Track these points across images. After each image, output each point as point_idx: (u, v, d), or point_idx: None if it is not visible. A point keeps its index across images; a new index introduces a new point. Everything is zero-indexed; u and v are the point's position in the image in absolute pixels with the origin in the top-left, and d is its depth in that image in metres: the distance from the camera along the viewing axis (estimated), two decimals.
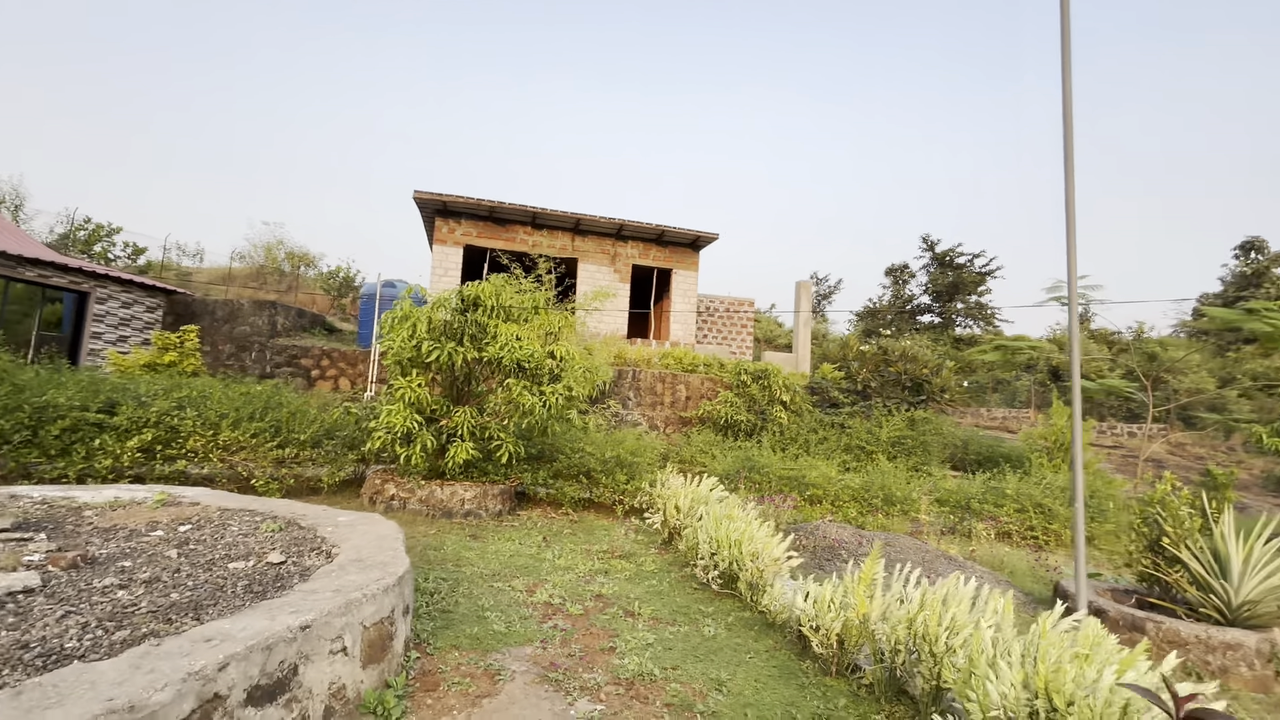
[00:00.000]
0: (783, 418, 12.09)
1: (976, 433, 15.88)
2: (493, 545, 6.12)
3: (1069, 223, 4.66)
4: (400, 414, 6.62)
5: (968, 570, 6.12)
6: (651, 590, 5.14)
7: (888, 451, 11.77)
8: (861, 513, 8.60)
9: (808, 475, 8.90)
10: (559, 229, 18.04)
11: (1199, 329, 31.28)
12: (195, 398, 6.89)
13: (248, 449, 6.86)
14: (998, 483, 9.91)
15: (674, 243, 18.80)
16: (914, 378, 13.84)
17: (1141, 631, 4.56)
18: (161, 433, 6.56)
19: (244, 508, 4.79)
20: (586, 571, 5.53)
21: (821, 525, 6.98)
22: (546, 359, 7.28)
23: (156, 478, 6.51)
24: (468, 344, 7.13)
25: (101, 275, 11.59)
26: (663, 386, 14.61)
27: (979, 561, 7.31)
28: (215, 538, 3.88)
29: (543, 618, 4.30)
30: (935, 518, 8.69)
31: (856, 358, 14.57)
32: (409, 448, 6.75)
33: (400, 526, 6.30)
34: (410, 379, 6.85)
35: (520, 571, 5.35)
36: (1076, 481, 4.49)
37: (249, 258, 26.63)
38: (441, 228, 17.34)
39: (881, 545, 4.00)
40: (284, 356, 12.63)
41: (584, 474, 8.14)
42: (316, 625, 2.64)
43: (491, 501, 7.36)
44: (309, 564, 3.49)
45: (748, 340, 22.46)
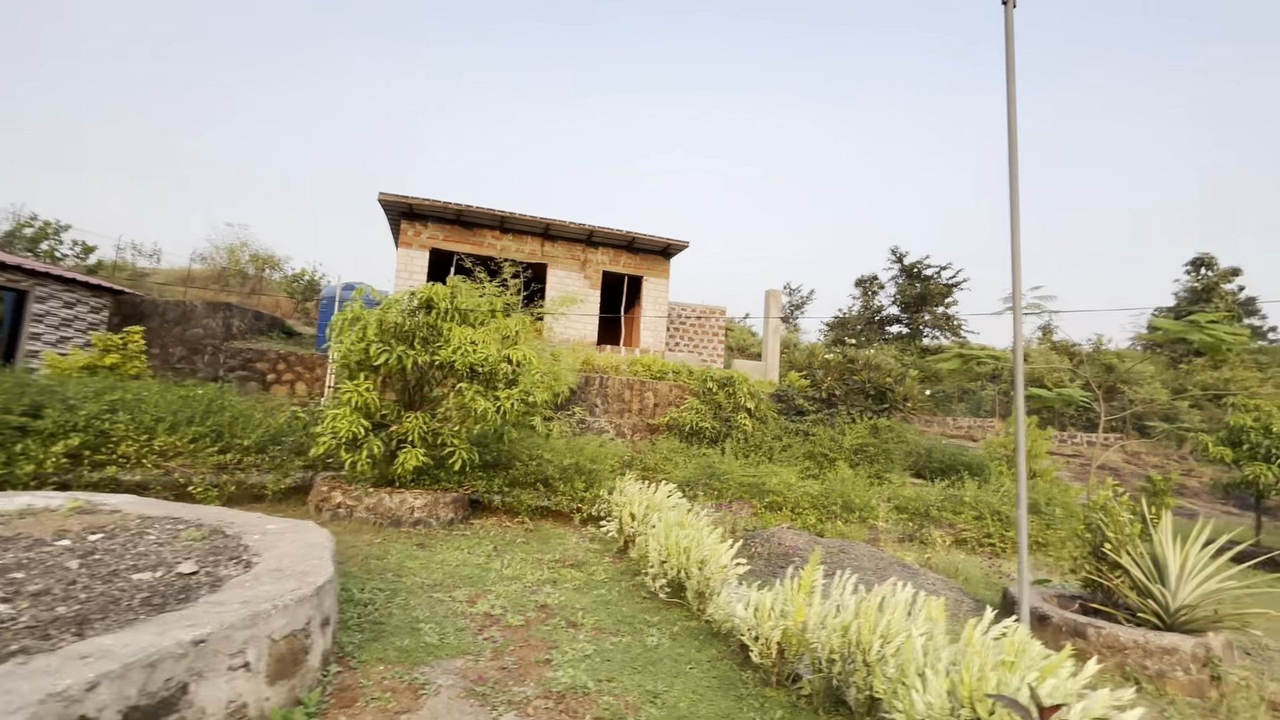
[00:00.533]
0: (747, 425, 12.08)
1: (940, 441, 16.09)
2: (440, 554, 5.94)
3: (1014, 237, 4.71)
4: (346, 418, 6.40)
5: (920, 577, 6.12)
6: (599, 600, 5.02)
7: (850, 459, 11.83)
8: (821, 520, 8.60)
9: (768, 482, 8.88)
10: (528, 234, 17.88)
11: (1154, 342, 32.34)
12: (130, 401, 6.58)
13: (185, 454, 6.57)
14: (956, 490, 10.02)
15: (645, 250, 18.78)
16: (878, 386, 13.98)
17: (1083, 637, 4.59)
18: (90, 437, 6.24)
19: (169, 515, 4.56)
20: (534, 581, 5.39)
21: (777, 532, 6.94)
22: (502, 363, 7.13)
23: (84, 485, 6.18)
24: (419, 347, 6.95)
25: (41, 273, 11.10)
26: (631, 394, 14.51)
27: (934, 568, 7.34)
28: (126, 547, 3.66)
29: (480, 629, 4.15)
30: (894, 525, 8.73)
31: (822, 366, 14.67)
32: (355, 454, 6.53)
33: (338, 535, 6.09)
34: (358, 383, 6.64)
35: (464, 582, 5.19)
36: (1021, 489, 4.51)
37: (211, 259, 25.86)
38: (407, 230, 17.06)
39: (822, 552, 3.95)
40: (238, 360, 12.23)
41: (541, 482, 7.98)
42: (213, 640, 2.48)
43: (443, 510, 7.17)
44: (223, 574, 3.31)
45: (719, 348, 22.51)
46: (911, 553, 7.74)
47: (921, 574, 6.26)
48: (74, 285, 11.73)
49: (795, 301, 49.18)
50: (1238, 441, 11.55)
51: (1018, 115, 4.77)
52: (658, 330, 18.79)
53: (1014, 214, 4.68)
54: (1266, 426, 11.16)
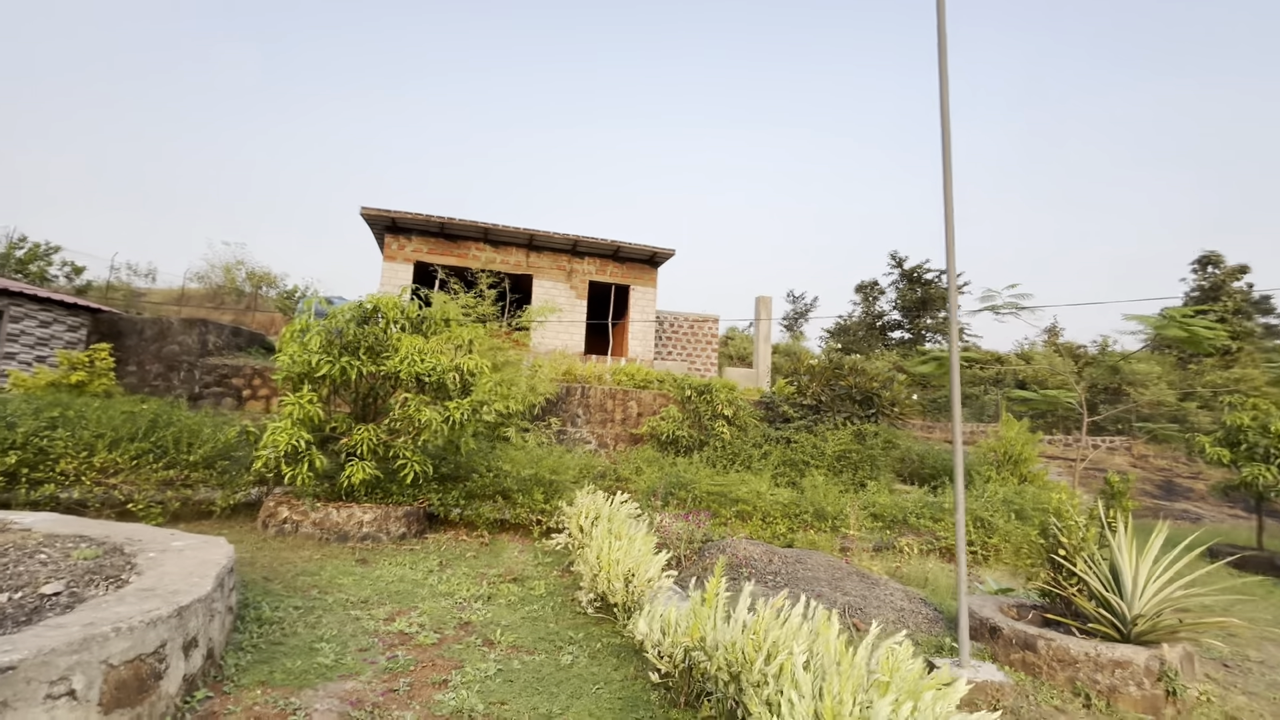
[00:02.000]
0: (725, 433, 11.83)
1: (933, 447, 15.73)
2: (379, 570, 5.76)
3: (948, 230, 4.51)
4: (285, 431, 6.27)
5: (879, 588, 5.86)
6: (528, 616, 4.81)
7: (833, 466, 11.54)
8: (792, 529, 8.33)
9: (736, 491, 8.63)
10: (512, 245, 17.83)
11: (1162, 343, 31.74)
12: (71, 418, 6.49)
13: (127, 471, 6.46)
14: (935, 497, 9.71)
15: (631, 259, 18.67)
16: (864, 391, 13.68)
17: (1033, 649, 4.32)
18: (28, 455, 6.15)
19: (77, 533, 4.41)
20: (467, 597, 5.19)
21: (733, 542, 6.70)
22: (450, 373, 6.98)
23: (22, 504, 6.08)
24: (365, 357, 6.82)
25: (14, 293, 11.13)
26: (613, 403, 14.32)
27: (902, 578, 7.06)
28: (6, 568, 3.51)
29: (387, 648, 3.95)
30: (869, 533, 8.45)
31: (807, 371, 14.41)
32: (296, 467, 6.38)
33: (278, 551, 5.95)
34: (300, 394, 6.51)
35: (392, 598, 5.00)
36: (958, 493, 4.27)
37: (207, 278, 26.08)
38: (391, 244, 17.06)
39: (725, 563, 3.73)
40: (214, 376, 12.19)
41: (500, 494, 7.80)
42: (26, 666, 2.31)
43: (394, 524, 6.99)
44: (87, 595, 3.15)
45: (712, 357, 22.29)
46: (881, 562, 7.46)
47: (882, 584, 6.00)
48: (50, 304, 11.75)
49: (799, 309, 48.90)
50: (1235, 442, 11.14)
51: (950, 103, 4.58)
52: (646, 339, 18.62)
53: (948, 201, 4.48)
54: (1265, 425, 10.75)
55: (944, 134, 4.49)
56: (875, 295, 38.60)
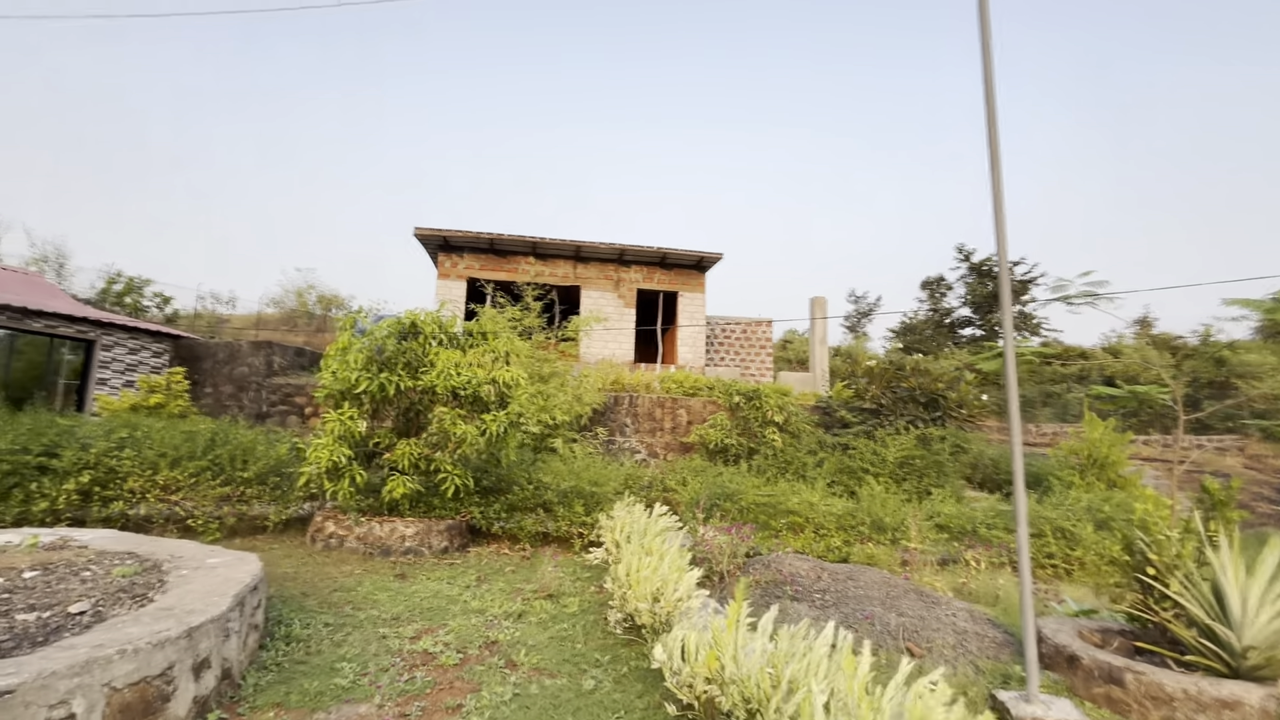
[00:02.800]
0: (776, 440, 11.36)
1: (1008, 450, 14.65)
2: (415, 585, 5.75)
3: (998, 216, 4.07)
4: (326, 448, 6.40)
5: (939, 607, 5.35)
6: (557, 636, 4.64)
7: (894, 473, 10.87)
8: (847, 541, 7.84)
9: (787, 501, 8.21)
10: (560, 257, 17.97)
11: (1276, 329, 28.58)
12: (138, 438, 6.87)
13: (186, 488, 6.76)
14: (1010, 504, 8.95)
15: (678, 265, 18.45)
16: (928, 393, 12.88)
17: (1118, 684, 3.78)
18: (100, 474, 6.53)
19: (128, 550, 4.59)
20: (499, 614, 5.08)
21: (780, 557, 6.32)
22: (485, 385, 6.96)
23: (96, 520, 6.46)
24: (402, 373, 6.90)
25: (106, 323, 12.06)
26: (662, 412, 14.10)
27: (968, 595, 6.48)
28: (49, 585, 3.65)
29: (407, 669, 3.87)
30: (933, 546, 7.84)
31: (865, 374, 13.71)
32: (337, 483, 6.50)
33: (322, 566, 6.04)
34: (341, 411, 6.64)
35: (423, 615, 4.95)
36: (1019, 500, 3.82)
37: (282, 302, 27.74)
38: (444, 262, 17.54)
39: (747, 585, 3.42)
40: (279, 395, 12.80)
41: (541, 506, 7.72)
42: (24, 690, 2.32)
43: (435, 538, 7.02)
44: (109, 614, 3.21)
45: (767, 362, 21.72)
46: (946, 578, 6.87)
47: (943, 603, 5.48)
48: (136, 332, 12.68)
49: (862, 309, 47.28)
50: None
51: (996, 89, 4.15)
52: (696, 345, 18.31)
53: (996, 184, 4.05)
54: None
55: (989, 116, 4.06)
56: (942, 292, 36.75)
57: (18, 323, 10.88)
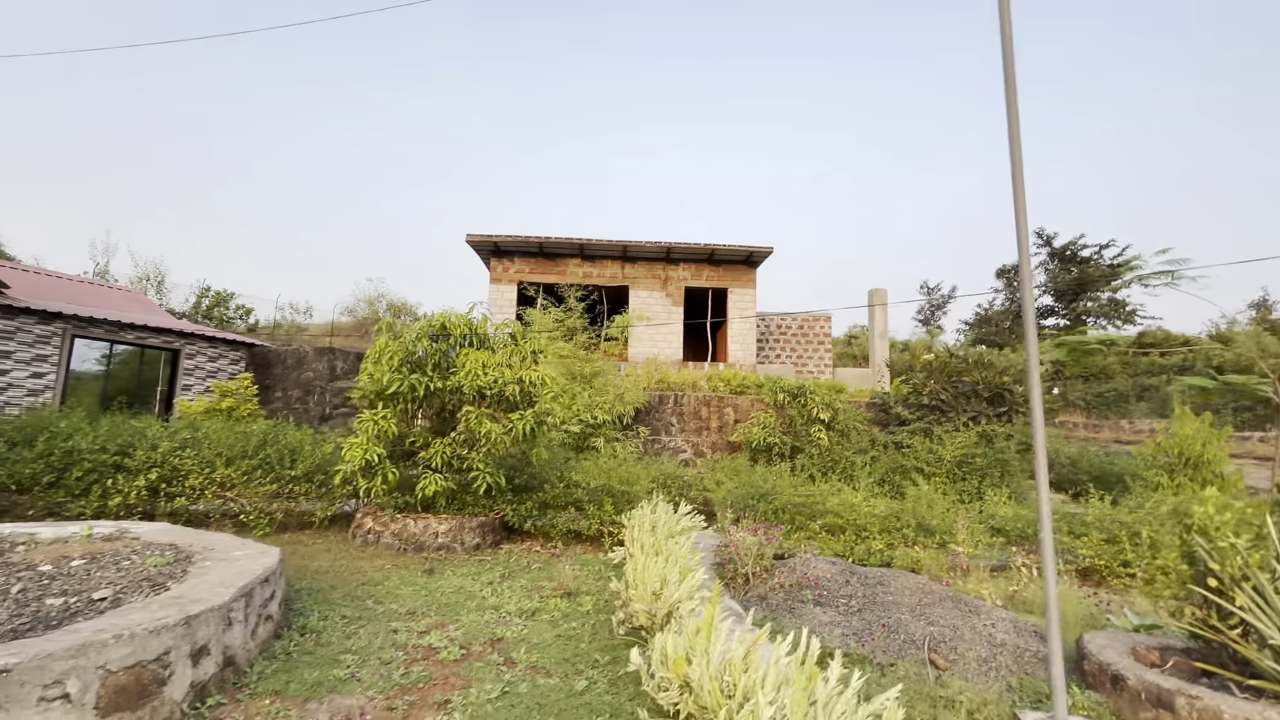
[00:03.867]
0: (822, 439, 10.92)
1: (1087, 449, 13.53)
2: (441, 581, 5.89)
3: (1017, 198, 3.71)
4: (360, 447, 6.66)
5: (978, 617, 4.96)
6: (564, 634, 4.62)
7: (952, 473, 10.23)
8: (890, 544, 7.42)
9: (825, 502, 7.87)
10: (607, 258, 18.07)
11: None
12: (198, 438, 7.40)
13: (240, 486, 7.22)
14: (1078, 506, 8.22)
15: (727, 261, 18.15)
16: (992, 387, 12.05)
17: (1169, 708, 3.35)
18: (166, 472, 7.07)
19: (171, 542, 4.93)
20: (513, 611, 5.12)
21: (807, 559, 6.05)
22: (510, 385, 7.05)
23: (163, 515, 7.00)
24: (432, 373, 7.09)
25: (189, 334, 13.11)
26: (708, 410, 13.90)
27: (1019, 605, 5.98)
28: (89, 573, 3.96)
29: (407, 663, 3.95)
30: (985, 550, 7.30)
31: (923, 368, 12.98)
32: (370, 480, 6.75)
33: (356, 560, 6.28)
34: (375, 412, 6.90)
35: (440, 610, 5.05)
36: (1041, 502, 3.46)
37: (354, 311, 29.34)
38: (496, 267, 18.00)
39: (719, 595, 3.25)
40: (340, 398, 13.51)
41: (572, 505, 7.75)
42: (21, 669, 2.50)
43: (468, 535, 7.17)
44: (126, 601, 3.43)
45: (825, 358, 21.02)
46: (998, 585, 6.37)
47: (983, 612, 5.07)
48: (215, 342, 13.72)
49: (934, 301, 45.13)
50: None
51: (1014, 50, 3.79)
52: (746, 342, 17.95)
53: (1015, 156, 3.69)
54: None
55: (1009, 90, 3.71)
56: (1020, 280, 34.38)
57: (114, 335, 11.99)
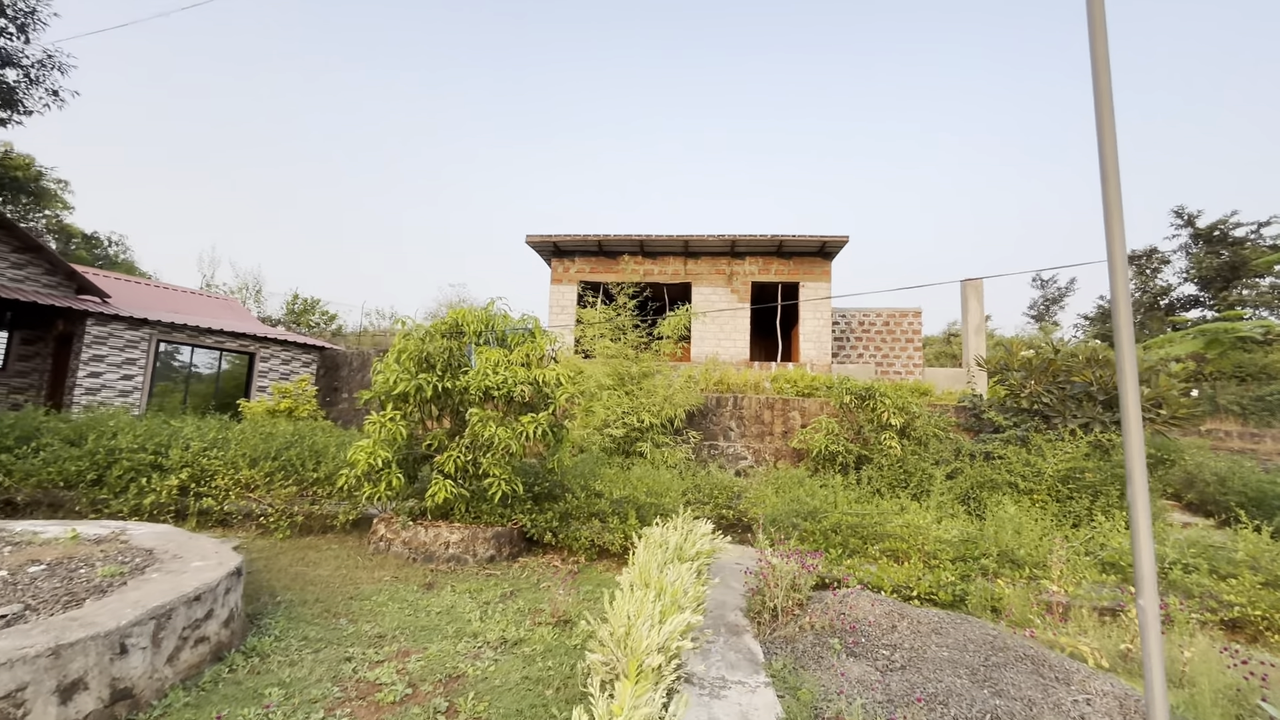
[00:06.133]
0: (894, 447, 9.57)
1: (1241, 463, 11.19)
2: (434, 598, 5.42)
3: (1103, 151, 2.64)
4: (365, 450, 6.35)
5: (1067, 689, 3.78)
6: (533, 677, 3.95)
7: (1055, 490, 8.62)
8: (965, 576, 6.17)
9: (885, 523, 6.71)
10: (669, 254, 17.33)
11: None
12: (227, 438, 7.44)
13: (262, 488, 7.16)
14: (1225, 537, 6.56)
15: (797, 252, 16.88)
16: (1109, 389, 10.16)
17: None
18: (196, 472, 7.13)
19: (149, 547, 4.76)
20: (494, 640, 4.53)
21: (852, 595, 5.02)
22: (521, 385, 6.50)
23: (191, 513, 7.06)
24: (442, 373, 6.68)
25: (262, 338, 13.75)
26: (771, 414, 12.81)
27: (1130, 667, 4.65)
28: (32, 583, 3.76)
29: (337, 702, 3.44)
30: (1090, 589, 5.90)
31: (1021, 366, 11.20)
32: (375, 486, 6.43)
33: (357, 570, 5.92)
34: (385, 414, 6.58)
35: (413, 635, 4.55)
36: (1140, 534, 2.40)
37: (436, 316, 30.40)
38: (557, 268, 17.77)
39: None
40: None
41: (595, 516, 7.10)
42: None
43: (481, 546, 6.70)
44: (23, 621, 3.13)
45: (915, 357, 19.14)
46: (1104, 638, 5.03)
47: (1075, 680, 3.88)
48: (288, 345, 14.32)
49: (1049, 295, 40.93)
50: None
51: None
52: (821, 340, 16.59)
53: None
54: None
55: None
56: (1156, 267, 30.11)
57: (195, 339, 12.74)
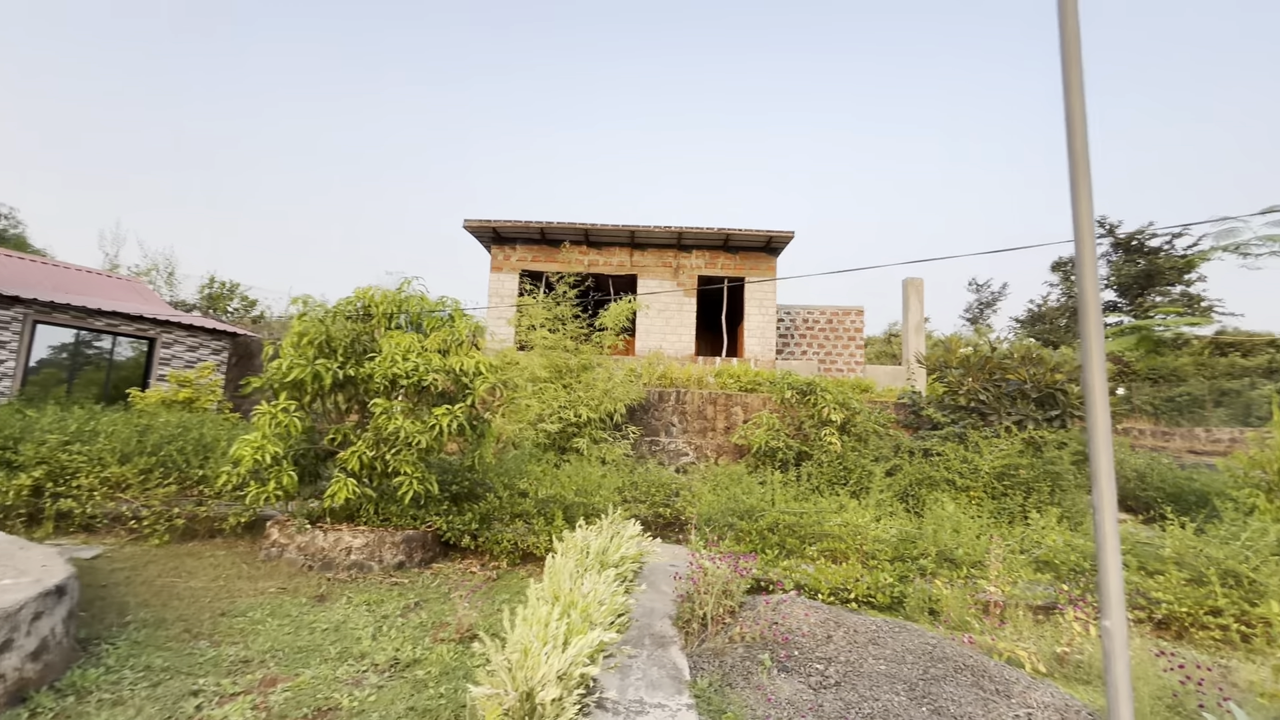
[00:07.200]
0: (834, 444, 9.40)
1: (1158, 460, 11.59)
2: (323, 613, 4.77)
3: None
4: (251, 445, 5.60)
5: (1009, 701, 3.51)
6: (420, 709, 3.40)
7: (991, 487, 8.60)
8: (904, 577, 5.94)
9: (824, 522, 6.43)
10: (615, 245, 16.85)
11: None
12: (94, 431, 6.51)
13: (135, 487, 6.29)
14: (1152, 533, 6.57)
15: (744, 247, 16.69)
16: (1042, 386, 10.30)
17: None
18: (54, 469, 6.20)
19: None
20: (383, 662, 3.94)
21: (788, 601, 4.67)
22: (434, 374, 5.89)
23: (47, 517, 6.12)
24: (344, 359, 5.99)
25: (164, 321, 12.50)
26: (714, 409, 12.52)
27: (1071, 672, 4.47)
28: None
29: None
30: (1026, 588, 5.76)
31: (959, 364, 11.27)
32: (264, 485, 5.69)
33: (239, 581, 5.14)
34: (276, 404, 5.84)
35: (286, 658, 3.91)
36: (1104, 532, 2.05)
37: None
38: (497, 255, 17.02)
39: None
40: None
41: (520, 517, 6.55)
42: None
43: (389, 551, 6.05)
44: None
45: (857, 355, 19.29)
46: (1040, 638, 4.85)
47: (1015, 692, 3.61)
48: (195, 330, 13.10)
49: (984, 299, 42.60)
50: None
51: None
52: (765, 336, 16.45)
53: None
54: None
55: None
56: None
57: (81, 321, 11.43)
